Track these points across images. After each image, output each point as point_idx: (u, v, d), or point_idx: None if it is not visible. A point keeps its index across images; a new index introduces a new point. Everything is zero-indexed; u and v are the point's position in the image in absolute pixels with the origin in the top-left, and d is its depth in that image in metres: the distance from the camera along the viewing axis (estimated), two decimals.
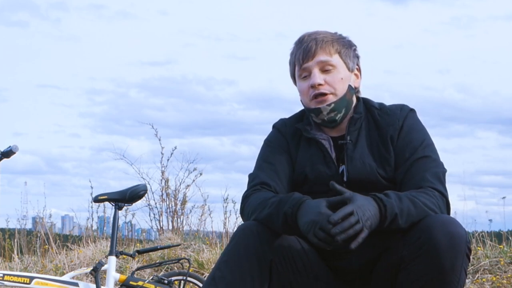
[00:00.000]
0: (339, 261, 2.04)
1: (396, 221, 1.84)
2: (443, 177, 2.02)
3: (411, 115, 2.11)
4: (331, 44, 2.09)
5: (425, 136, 2.08)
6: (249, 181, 2.11)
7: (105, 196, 3.32)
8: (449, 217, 1.86)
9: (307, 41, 2.09)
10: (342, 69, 2.10)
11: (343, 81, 2.09)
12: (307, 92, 2.09)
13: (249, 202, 2.02)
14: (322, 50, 2.07)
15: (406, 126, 2.07)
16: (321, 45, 2.08)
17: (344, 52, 2.11)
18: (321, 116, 2.08)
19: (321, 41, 2.08)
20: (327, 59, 2.07)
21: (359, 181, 2.02)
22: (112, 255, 3.24)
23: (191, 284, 3.62)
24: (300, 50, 2.09)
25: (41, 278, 3.17)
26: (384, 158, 2.05)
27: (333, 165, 2.07)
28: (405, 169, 2.01)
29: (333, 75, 2.07)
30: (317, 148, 2.11)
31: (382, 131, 2.08)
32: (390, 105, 2.14)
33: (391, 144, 2.05)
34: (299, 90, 2.14)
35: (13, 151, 3.19)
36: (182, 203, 6.96)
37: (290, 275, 1.96)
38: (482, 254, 4.53)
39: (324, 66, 2.07)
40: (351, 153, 2.06)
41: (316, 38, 2.09)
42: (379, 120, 2.10)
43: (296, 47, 2.12)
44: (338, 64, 2.09)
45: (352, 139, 2.08)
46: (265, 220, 1.92)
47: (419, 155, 2.02)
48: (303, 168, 2.09)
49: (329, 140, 2.11)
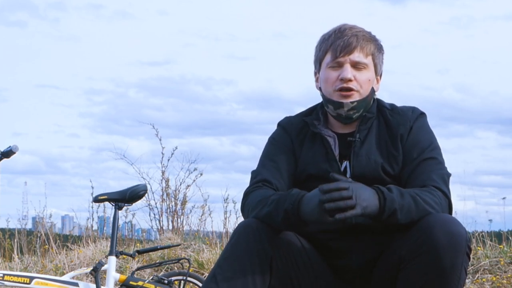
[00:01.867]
0: (339, 259, 2.04)
1: (395, 215, 1.85)
2: (448, 180, 2.03)
3: (422, 118, 2.13)
4: (369, 45, 2.09)
5: (433, 139, 2.10)
6: (252, 178, 2.12)
7: (105, 196, 3.32)
8: (449, 216, 1.86)
9: (348, 35, 2.08)
10: (371, 71, 2.11)
11: (370, 83, 2.10)
12: (333, 82, 2.08)
13: (249, 199, 2.03)
14: (360, 49, 2.07)
15: (416, 127, 2.09)
16: (361, 43, 2.08)
17: (377, 55, 2.12)
18: (340, 111, 2.08)
19: (362, 39, 2.08)
20: (363, 58, 2.08)
21: (363, 177, 2.02)
22: (112, 255, 3.24)
23: (191, 284, 3.62)
24: (340, 41, 2.07)
25: (41, 278, 3.17)
26: (392, 155, 2.06)
27: (335, 163, 2.07)
28: (411, 168, 2.03)
29: (362, 74, 2.08)
30: (321, 145, 2.11)
31: (393, 130, 2.09)
32: (402, 106, 2.16)
33: (400, 142, 2.07)
34: (324, 78, 2.11)
35: (13, 151, 3.19)
36: (182, 203, 6.96)
37: (291, 273, 1.97)
38: (482, 254, 4.53)
39: (357, 64, 2.07)
40: (357, 150, 2.07)
41: (357, 34, 2.08)
42: (390, 120, 2.11)
43: (335, 36, 2.10)
44: (370, 65, 2.10)
45: (361, 137, 2.09)
46: (265, 218, 1.93)
47: (426, 156, 2.04)
48: (306, 165, 2.10)
49: (334, 138, 2.11)
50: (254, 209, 1.98)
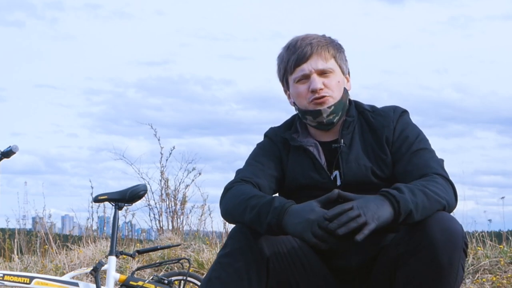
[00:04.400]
0: (337, 260, 2.04)
1: (411, 216, 1.81)
2: (443, 165, 2.03)
3: (404, 115, 2.13)
4: (327, 49, 2.09)
5: (419, 132, 2.10)
6: (235, 175, 2.12)
7: (105, 196, 3.32)
8: (445, 214, 1.86)
9: (301, 46, 2.08)
10: (338, 73, 2.11)
11: (340, 85, 2.11)
12: (305, 96, 2.09)
13: (228, 195, 2.02)
14: (319, 55, 2.07)
15: (399, 126, 2.09)
16: (317, 50, 2.08)
17: (338, 56, 2.13)
18: (320, 119, 2.08)
19: (316, 46, 2.08)
20: (325, 64, 2.08)
21: (354, 183, 2.03)
22: (112, 255, 3.24)
23: (191, 284, 3.62)
24: (294, 56, 2.08)
25: (41, 278, 3.17)
26: (380, 158, 2.06)
27: (323, 171, 2.08)
28: (404, 162, 2.02)
29: (330, 79, 2.09)
30: (305, 156, 2.12)
31: (377, 132, 2.09)
32: (382, 107, 2.16)
33: (386, 145, 2.07)
34: (295, 93, 2.12)
35: (13, 151, 3.20)
36: (181, 203, 6.96)
37: (288, 274, 1.96)
38: (482, 254, 4.53)
39: (323, 71, 2.08)
40: (346, 156, 2.07)
41: (311, 42, 2.08)
42: (373, 122, 2.11)
43: (289, 52, 2.11)
44: (335, 68, 2.10)
45: (346, 142, 2.09)
46: (249, 224, 1.91)
47: (417, 148, 2.04)
48: (295, 175, 2.11)
49: (317, 146, 2.12)
50: (234, 210, 1.96)
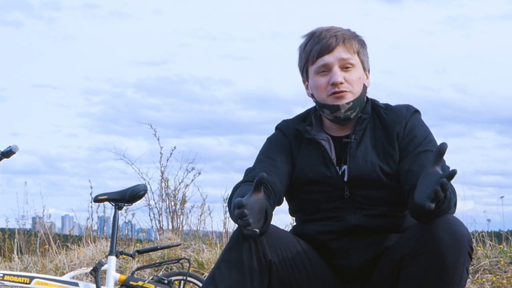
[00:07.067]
0: (339, 260, 2.04)
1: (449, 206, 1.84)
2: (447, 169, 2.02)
3: (416, 115, 2.12)
4: (352, 43, 2.07)
5: (429, 133, 2.09)
6: (245, 174, 2.11)
7: (105, 196, 3.32)
8: (451, 216, 1.85)
9: (326, 37, 2.05)
10: (360, 68, 2.09)
11: (360, 81, 2.08)
12: (325, 88, 2.06)
13: (234, 196, 2.01)
14: (344, 48, 2.05)
15: (410, 124, 2.08)
16: (343, 42, 2.05)
17: (362, 52, 2.10)
18: (338, 114, 2.06)
19: (342, 38, 2.06)
20: (349, 57, 2.05)
21: (360, 179, 2.02)
22: (112, 255, 3.24)
23: (191, 284, 3.62)
24: (318, 45, 2.05)
25: (41, 278, 3.17)
26: (389, 154, 2.05)
27: (332, 166, 2.07)
28: (410, 161, 2.01)
29: (352, 74, 2.06)
30: (317, 149, 2.10)
31: (388, 128, 2.08)
32: (396, 105, 2.15)
33: (396, 141, 2.06)
34: (314, 85, 2.09)
35: (13, 151, 3.19)
36: (181, 203, 6.96)
37: (290, 275, 1.96)
38: (482, 254, 4.53)
39: (345, 64, 2.05)
40: (353, 151, 2.06)
41: (336, 35, 2.06)
42: (386, 118, 2.10)
43: (313, 42, 2.08)
44: (357, 63, 2.08)
45: (357, 138, 2.07)
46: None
47: (424, 149, 2.03)
48: (304, 169, 2.09)
49: (329, 141, 2.10)
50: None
